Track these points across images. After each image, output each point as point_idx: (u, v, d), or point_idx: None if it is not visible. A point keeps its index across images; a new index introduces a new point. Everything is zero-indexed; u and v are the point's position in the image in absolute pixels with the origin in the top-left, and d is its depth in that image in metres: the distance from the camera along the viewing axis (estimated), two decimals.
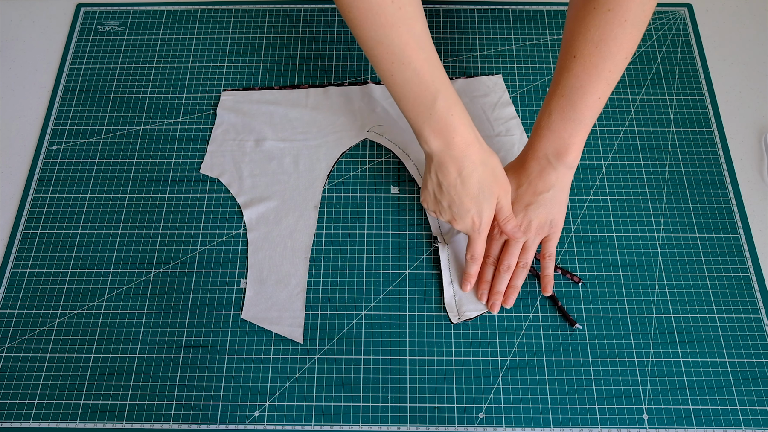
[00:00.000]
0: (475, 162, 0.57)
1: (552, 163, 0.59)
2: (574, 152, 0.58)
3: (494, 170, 0.58)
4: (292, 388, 0.60)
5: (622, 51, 0.54)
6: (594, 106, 0.56)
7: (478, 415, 0.59)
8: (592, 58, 0.54)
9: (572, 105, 0.56)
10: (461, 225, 0.60)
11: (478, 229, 0.60)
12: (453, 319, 0.62)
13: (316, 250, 0.66)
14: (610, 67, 0.54)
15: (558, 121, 0.57)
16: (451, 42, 0.79)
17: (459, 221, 0.60)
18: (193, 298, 0.64)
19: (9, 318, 0.63)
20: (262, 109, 0.74)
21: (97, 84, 0.77)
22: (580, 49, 0.55)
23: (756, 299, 0.63)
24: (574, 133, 0.57)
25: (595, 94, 0.55)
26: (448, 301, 0.63)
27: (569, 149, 0.58)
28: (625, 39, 0.53)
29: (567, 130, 0.57)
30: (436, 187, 0.59)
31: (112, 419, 0.59)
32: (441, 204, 0.60)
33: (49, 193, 0.70)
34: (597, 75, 0.55)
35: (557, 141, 0.58)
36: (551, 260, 0.62)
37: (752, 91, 0.75)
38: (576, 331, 0.62)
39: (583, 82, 0.55)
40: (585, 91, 0.55)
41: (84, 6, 0.82)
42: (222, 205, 0.69)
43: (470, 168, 0.56)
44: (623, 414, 0.58)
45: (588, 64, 0.54)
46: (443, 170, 0.57)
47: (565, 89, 0.56)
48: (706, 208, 0.68)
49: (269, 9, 0.82)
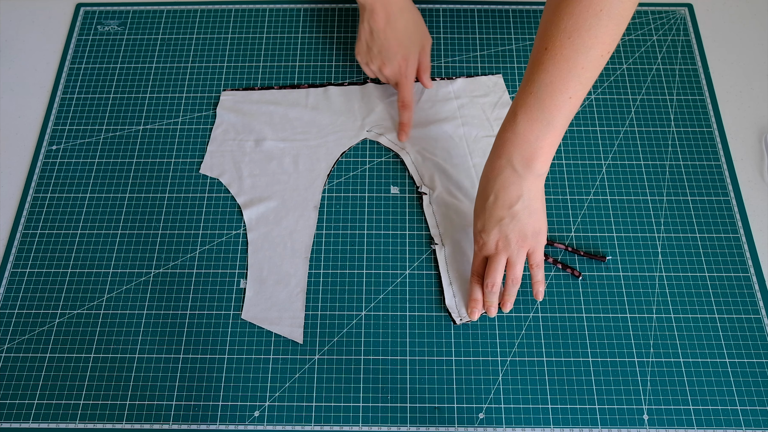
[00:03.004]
0: (402, 9, 0.67)
1: (518, 171, 0.54)
2: (542, 158, 0.53)
3: (417, 21, 0.69)
4: (292, 388, 0.60)
5: (597, 46, 0.49)
6: (564, 107, 0.51)
7: (478, 415, 0.59)
8: (564, 50, 0.50)
9: (540, 104, 0.51)
10: (389, 69, 0.68)
11: (405, 72, 0.68)
12: (456, 319, 0.62)
13: (316, 250, 0.66)
14: (583, 63, 0.50)
15: (524, 122, 0.53)
16: (451, 42, 0.79)
17: (388, 65, 0.68)
18: (193, 298, 0.64)
19: (9, 318, 0.63)
20: (262, 109, 0.74)
21: (97, 84, 0.77)
22: (552, 41, 0.50)
23: (756, 299, 0.63)
24: (542, 136, 0.52)
25: (566, 92, 0.51)
26: (449, 302, 0.63)
27: (536, 155, 0.53)
28: (600, 32, 0.49)
29: (534, 133, 0.52)
30: (368, 35, 0.68)
31: (112, 419, 0.59)
32: (372, 51, 0.68)
33: (49, 193, 0.70)
34: (568, 70, 0.50)
35: (523, 145, 0.53)
36: (539, 268, 0.59)
37: (752, 91, 0.75)
38: (576, 330, 0.62)
39: (554, 78, 0.50)
40: (555, 88, 0.51)
41: (84, 6, 0.82)
42: (222, 205, 0.69)
43: (397, 13, 0.66)
44: (623, 414, 0.58)
45: (559, 57, 0.50)
46: (374, 16, 0.66)
47: (534, 85, 0.52)
48: (706, 208, 0.68)
49: (269, 9, 0.82)
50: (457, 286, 0.63)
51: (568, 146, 0.71)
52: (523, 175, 0.54)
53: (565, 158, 0.71)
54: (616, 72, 0.76)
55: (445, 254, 0.65)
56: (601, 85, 0.75)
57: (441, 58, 0.77)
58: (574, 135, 0.72)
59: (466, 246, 0.65)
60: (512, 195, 0.55)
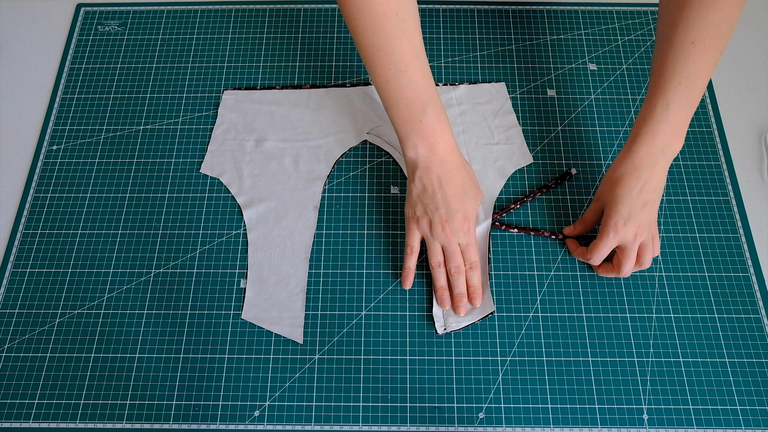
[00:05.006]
0: (458, 166, 0.60)
1: (667, 157, 0.58)
2: (682, 139, 0.58)
3: (472, 177, 0.63)
4: (292, 388, 0.60)
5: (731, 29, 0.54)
6: (704, 90, 0.57)
7: (478, 415, 0.59)
8: (711, 40, 0.54)
9: (690, 92, 0.56)
10: (450, 227, 0.60)
11: (467, 230, 0.60)
12: (439, 329, 0.61)
13: (316, 250, 0.66)
14: (722, 48, 0.55)
15: (675, 111, 0.57)
16: (451, 42, 0.79)
17: (448, 224, 0.60)
18: (193, 298, 0.64)
19: (9, 318, 0.63)
20: (263, 109, 0.74)
21: (97, 84, 0.77)
22: (700, 33, 0.54)
23: (756, 299, 0.63)
24: (687, 121, 0.57)
25: (708, 77, 0.56)
26: (435, 311, 0.62)
27: (680, 138, 0.58)
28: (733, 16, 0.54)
29: (683, 119, 0.57)
30: (421, 193, 0.61)
31: (112, 419, 0.59)
32: (428, 208, 0.61)
33: (49, 193, 0.70)
34: (714, 58, 0.55)
35: (673, 131, 0.57)
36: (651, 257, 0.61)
37: (752, 91, 0.75)
38: (576, 330, 0.62)
39: (701, 67, 0.55)
40: (702, 76, 0.55)
41: (84, 6, 0.82)
42: (222, 205, 0.69)
43: (453, 171, 0.60)
44: (623, 414, 0.58)
45: (708, 47, 0.54)
46: (429, 174, 0.60)
47: (683, 77, 0.55)
48: (706, 208, 0.68)
49: (269, 9, 0.82)
50: None
51: (568, 146, 0.72)
52: (668, 158, 0.59)
53: (566, 158, 0.71)
54: (616, 72, 0.76)
55: None
56: (601, 85, 0.75)
57: (441, 58, 0.77)
58: (574, 135, 0.72)
59: None
60: (660, 177, 0.59)
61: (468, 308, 0.62)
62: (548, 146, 0.72)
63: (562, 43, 0.78)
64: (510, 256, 0.65)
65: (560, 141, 0.72)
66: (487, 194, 0.68)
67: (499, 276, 0.64)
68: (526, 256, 0.65)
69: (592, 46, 0.78)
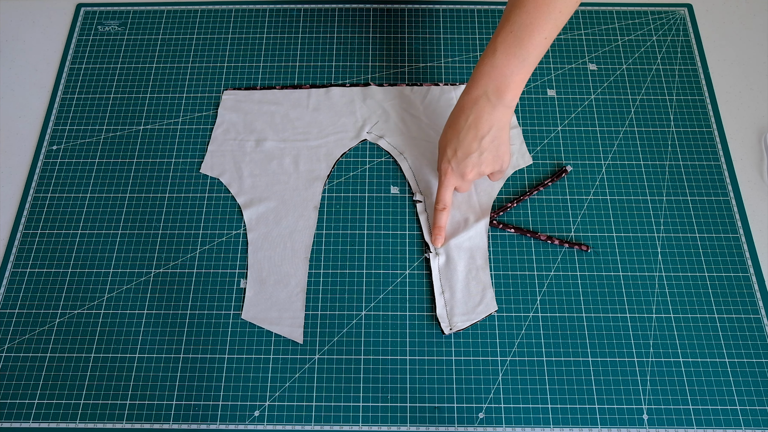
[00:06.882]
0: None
1: (492, 101, 0.59)
2: (514, 90, 0.58)
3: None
4: (292, 388, 0.60)
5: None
6: (539, 46, 0.56)
7: (478, 415, 0.59)
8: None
9: (519, 42, 0.56)
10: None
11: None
12: (445, 329, 0.62)
13: (316, 250, 0.66)
14: (561, 7, 0.55)
15: (502, 57, 0.57)
16: (451, 42, 0.79)
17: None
18: (193, 298, 0.64)
19: (9, 318, 0.63)
20: (263, 108, 0.74)
21: (97, 84, 0.77)
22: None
23: (756, 299, 0.63)
24: (516, 71, 0.57)
25: (543, 33, 0.56)
26: (439, 312, 0.63)
27: (509, 87, 0.58)
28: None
29: (509, 67, 0.57)
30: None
31: (112, 419, 0.59)
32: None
33: (49, 193, 0.70)
34: (548, 13, 0.55)
35: (499, 78, 0.58)
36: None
37: (752, 91, 0.76)
38: (576, 330, 0.62)
39: (533, 19, 0.55)
40: (533, 29, 0.56)
41: (84, 6, 0.82)
42: (222, 205, 0.69)
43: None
44: (623, 414, 0.58)
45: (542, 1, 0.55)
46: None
47: (514, 25, 0.56)
48: (706, 208, 0.68)
49: (269, 9, 0.82)
50: (449, 294, 0.63)
51: (568, 146, 0.72)
52: (496, 105, 0.59)
53: (565, 158, 0.71)
54: (616, 72, 0.76)
55: (438, 263, 0.65)
56: (601, 85, 0.75)
57: (441, 58, 0.77)
58: (574, 135, 0.72)
59: (459, 256, 0.65)
60: (485, 125, 0.60)
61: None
62: (548, 146, 0.72)
63: (562, 43, 0.78)
64: (510, 256, 0.65)
65: (560, 141, 0.72)
66: (485, 194, 0.68)
67: (499, 276, 0.64)
68: (526, 256, 0.65)
69: (592, 46, 0.78)
